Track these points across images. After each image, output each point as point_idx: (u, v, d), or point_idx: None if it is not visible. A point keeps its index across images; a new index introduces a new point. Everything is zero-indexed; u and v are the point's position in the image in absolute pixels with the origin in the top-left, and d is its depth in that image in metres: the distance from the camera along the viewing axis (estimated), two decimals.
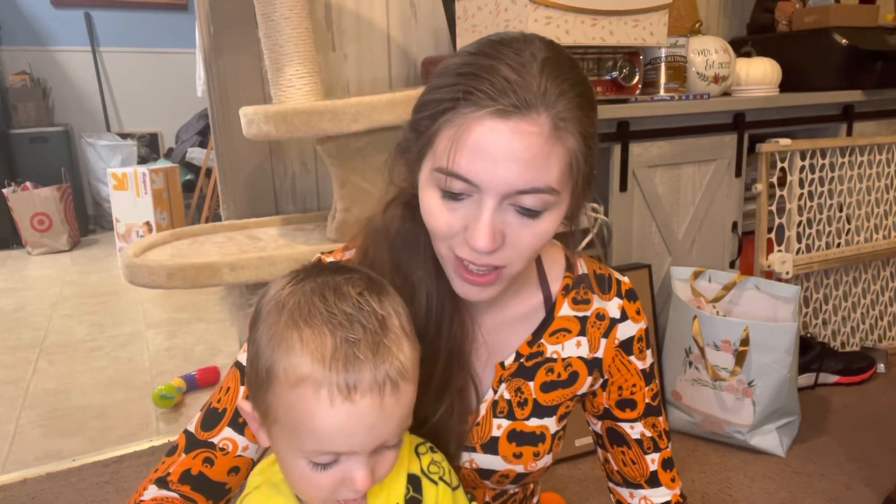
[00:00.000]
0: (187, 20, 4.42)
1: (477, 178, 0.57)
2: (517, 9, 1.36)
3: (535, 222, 0.60)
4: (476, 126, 0.56)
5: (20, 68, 4.16)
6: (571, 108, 0.58)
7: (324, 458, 0.56)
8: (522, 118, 0.56)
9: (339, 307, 0.56)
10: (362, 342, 0.54)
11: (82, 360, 2.31)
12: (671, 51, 1.64)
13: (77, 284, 3.23)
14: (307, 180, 1.70)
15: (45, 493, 1.52)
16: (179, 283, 1.20)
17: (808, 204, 1.91)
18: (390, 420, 0.56)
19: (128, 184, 3.41)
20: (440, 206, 0.61)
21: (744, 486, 1.48)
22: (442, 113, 0.58)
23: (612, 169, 1.59)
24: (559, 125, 0.57)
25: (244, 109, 1.25)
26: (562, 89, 0.57)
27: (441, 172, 0.59)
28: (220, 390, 0.74)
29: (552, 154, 0.57)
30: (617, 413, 0.79)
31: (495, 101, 0.55)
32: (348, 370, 0.53)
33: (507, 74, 0.56)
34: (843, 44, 1.84)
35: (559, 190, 0.59)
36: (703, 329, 1.60)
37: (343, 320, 0.55)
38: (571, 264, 0.77)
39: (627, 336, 0.77)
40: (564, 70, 0.59)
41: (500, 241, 0.60)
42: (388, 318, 0.57)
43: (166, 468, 0.70)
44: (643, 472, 0.79)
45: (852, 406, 1.81)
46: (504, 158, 0.56)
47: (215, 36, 1.56)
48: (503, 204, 0.59)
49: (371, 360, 0.54)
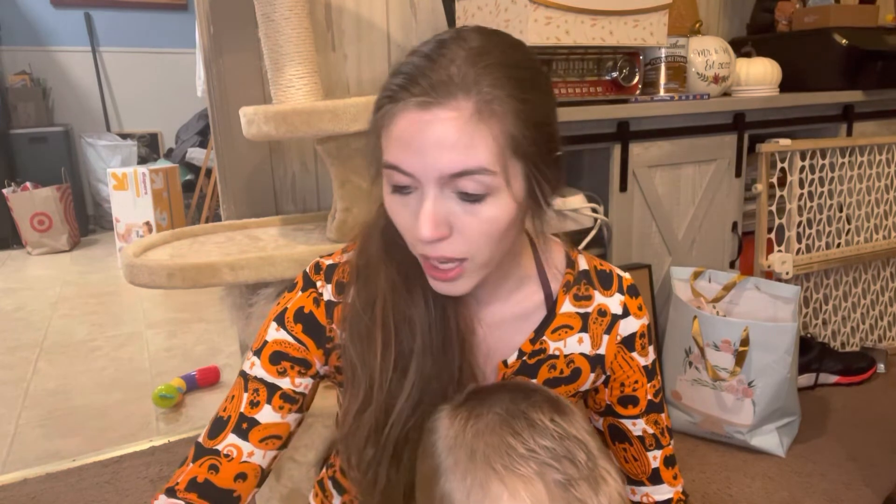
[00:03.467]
0: (187, 20, 4.42)
1: (410, 167, 0.59)
2: (517, 9, 1.36)
3: (480, 207, 0.60)
4: (400, 119, 0.59)
5: (20, 68, 4.16)
6: (497, 88, 0.58)
7: None
8: (441, 106, 0.57)
9: (538, 442, 0.50)
10: (578, 481, 0.49)
11: (82, 360, 2.31)
12: (671, 51, 1.64)
13: (77, 284, 3.23)
14: (307, 180, 1.70)
15: (45, 493, 1.52)
16: (179, 283, 1.20)
17: (808, 204, 1.91)
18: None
19: (128, 184, 3.41)
20: (394, 202, 0.63)
21: (744, 486, 1.48)
22: (378, 111, 0.62)
23: (612, 169, 1.59)
24: (484, 106, 0.58)
25: (244, 109, 1.25)
26: (486, 73, 0.58)
27: (385, 167, 0.62)
28: (226, 399, 0.74)
29: (476, 135, 0.58)
30: (619, 409, 0.79)
31: (412, 92, 0.58)
32: (515, 459, 0.49)
33: (424, 66, 0.59)
34: (843, 44, 1.84)
35: (495, 171, 0.59)
36: (703, 329, 1.60)
37: (549, 458, 0.50)
38: (572, 261, 0.77)
39: (630, 332, 0.77)
40: (495, 56, 0.60)
41: (445, 230, 0.60)
42: (587, 442, 0.53)
43: (175, 479, 0.70)
44: (645, 469, 0.79)
45: (852, 406, 1.81)
46: (430, 146, 0.58)
47: (215, 36, 1.56)
48: (444, 192, 0.60)
49: (594, 499, 0.49)
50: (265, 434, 0.70)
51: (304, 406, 0.73)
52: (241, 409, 0.71)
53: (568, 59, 1.46)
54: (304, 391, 0.72)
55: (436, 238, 0.60)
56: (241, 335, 1.48)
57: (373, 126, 0.63)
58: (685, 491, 0.82)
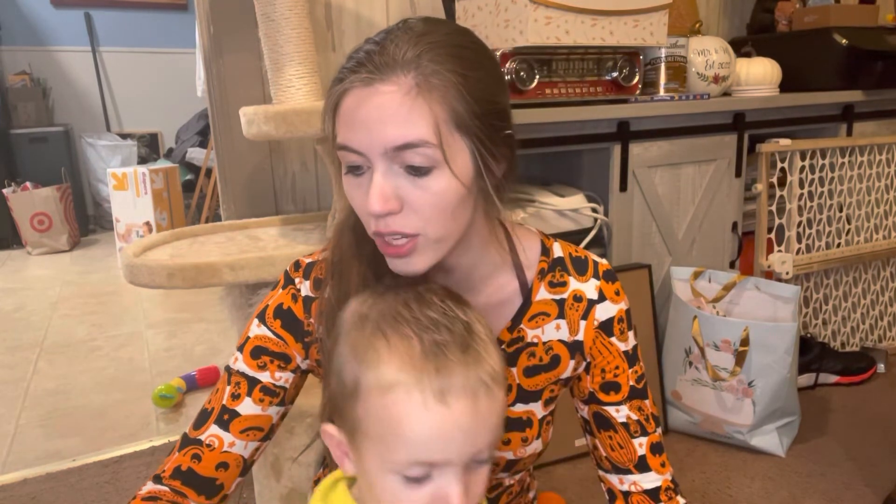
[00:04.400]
0: (187, 20, 4.42)
1: (357, 144, 0.61)
2: (517, 9, 1.36)
3: (427, 181, 0.61)
4: (346, 99, 0.62)
5: (20, 68, 4.16)
6: (438, 65, 0.60)
7: (417, 471, 0.54)
8: (382, 81, 0.60)
9: (424, 313, 0.57)
10: (451, 344, 0.55)
11: (82, 360, 2.31)
12: (671, 51, 1.64)
13: (77, 284, 3.23)
14: (307, 180, 1.70)
15: (45, 493, 1.52)
16: (179, 283, 1.20)
17: (808, 204, 1.91)
18: (485, 427, 0.55)
19: (128, 184, 3.41)
20: (349, 184, 0.65)
21: (744, 486, 1.48)
22: (329, 97, 0.64)
23: (612, 169, 1.59)
24: (422, 82, 0.60)
25: (244, 109, 1.25)
26: (427, 50, 0.61)
27: (338, 150, 0.64)
28: (211, 392, 0.77)
29: (415, 108, 0.59)
30: (601, 396, 0.78)
31: (356, 72, 0.61)
32: (440, 373, 0.53)
33: (370, 49, 0.62)
34: (843, 44, 1.84)
35: (436, 144, 0.60)
36: (703, 329, 1.60)
37: (429, 324, 0.56)
38: (547, 248, 0.78)
39: (607, 317, 0.77)
40: (437, 36, 0.62)
41: (395, 204, 0.61)
42: (473, 323, 0.58)
43: (162, 466, 0.74)
44: (631, 456, 0.79)
45: (852, 406, 1.81)
46: (372, 119, 0.60)
47: (215, 36, 1.56)
48: (393, 168, 0.61)
49: (461, 363, 0.54)
50: (246, 425, 0.73)
51: (285, 399, 0.76)
52: (223, 402, 0.74)
53: (568, 59, 1.46)
54: (285, 385, 0.75)
55: (385, 211, 0.61)
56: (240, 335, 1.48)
57: (328, 112, 0.65)
58: (674, 479, 0.81)
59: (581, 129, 1.52)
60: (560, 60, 1.45)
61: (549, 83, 1.44)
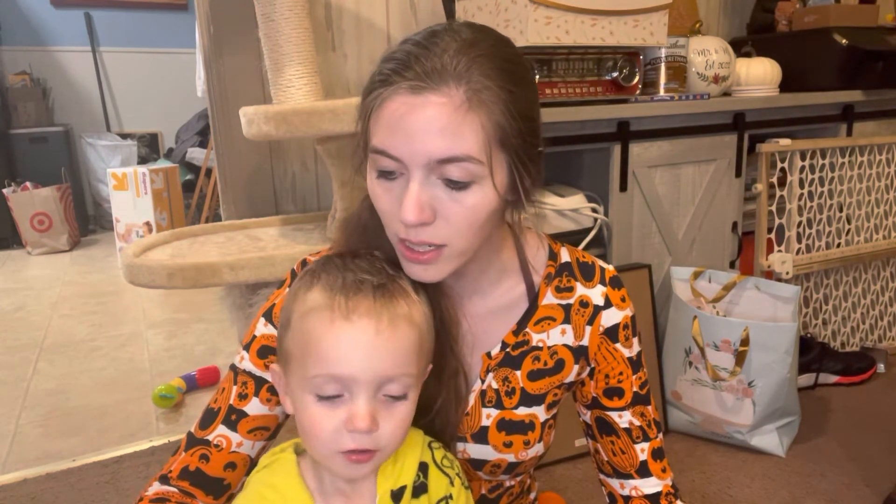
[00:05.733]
0: (187, 20, 4.42)
1: (397, 151, 0.60)
2: (517, 9, 1.36)
3: (464, 195, 0.61)
4: (390, 103, 0.60)
5: (20, 68, 4.16)
6: (487, 79, 0.60)
7: (329, 388, 0.59)
8: (433, 91, 0.59)
9: (356, 264, 0.65)
10: (368, 282, 0.62)
11: (82, 360, 2.31)
12: (671, 51, 1.64)
13: (77, 284, 3.23)
14: (307, 180, 1.70)
15: (45, 493, 1.52)
16: (179, 283, 1.20)
17: (808, 204, 1.91)
18: (387, 350, 0.59)
19: (128, 184, 3.41)
20: (378, 187, 0.64)
21: (744, 486, 1.48)
22: (367, 96, 0.63)
23: (612, 169, 1.59)
24: (473, 97, 0.59)
25: (244, 109, 1.25)
26: (477, 63, 0.60)
27: (372, 152, 0.63)
28: (216, 391, 0.77)
29: (465, 123, 0.59)
30: (605, 402, 0.79)
31: (405, 77, 0.59)
32: (349, 297, 0.60)
33: (419, 54, 0.60)
34: (843, 44, 1.84)
35: (481, 160, 0.60)
36: (703, 329, 1.60)
37: (356, 269, 0.63)
38: (554, 253, 0.78)
39: (612, 323, 0.77)
40: (485, 48, 0.62)
41: (429, 215, 0.61)
42: (399, 279, 0.64)
43: (168, 466, 0.74)
44: (633, 461, 0.79)
45: (852, 406, 1.81)
46: (419, 130, 0.59)
47: (215, 36, 1.56)
48: (430, 178, 0.61)
49: (372, 295, 0.61)
50: (253, 425, 0.74)
51: None
52: (230, 402, 0.74)
53: (568, 59, 1.46)
54: None
55: (420, 222, 0.61)
56: (241, 335, 1.48)
57: (361, 111, 0.65)
58: (675, 485, 0.81)
59: (581, 129, 1.52)
60: (560, 60, 1.45)
61: (550, 83, 1.44)
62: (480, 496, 0.82)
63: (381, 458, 0.62)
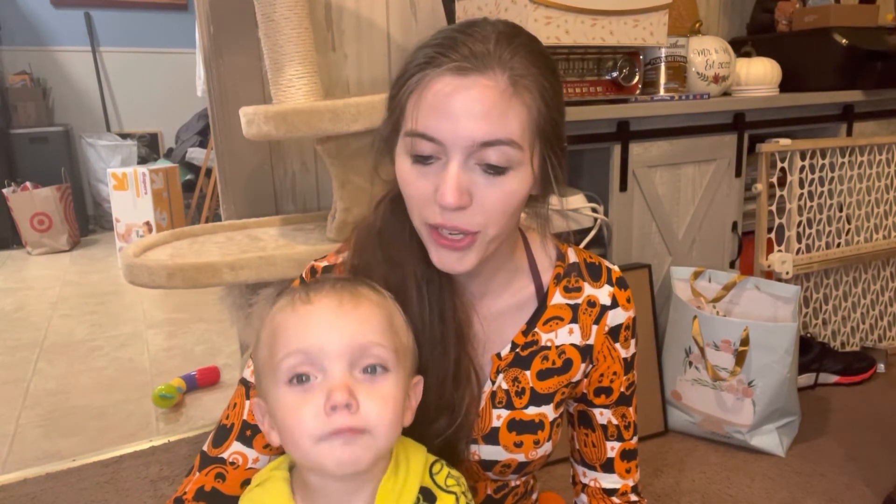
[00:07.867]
0: (187, 20, 4.42)
1: (439, 133, 0.60)
2: (517, 9, 1.36)
3: (502, 180, 0.62)
4: (435, 84, 0.60)
5: (20, 68, 4.16)
6: (528, 67, 0.61)
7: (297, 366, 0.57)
8: (480, 74, 0.59)
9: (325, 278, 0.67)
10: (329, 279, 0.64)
11: (82, 360, 2.31)
12: (671, 51, 1.64)
13: (77, 284, 3.23)
14: (307, 180, 1.70)
15: (45, 493, 1.52)
16: (179, 283, 1.20)
17: (808, 204, 1.91)
18: (353, 319, 0.58)
19: (128, 184, 3.41)
20: (412, 172, 0.64)
21: (744, 486, 1.48)
22: (406, 82, 0.63)
23: (612, 169, 1.59)
24: (516, 81, 0.60)
25: (244, 109, 1.25)
26: (517, 52, 0.61)
27: (409, 135, 0.62)
28: (228, 407, 0.75)
29: (510, 107, 0.60)
30: (592, 398, 0.80)
31: (451, 58, 0.60)
32: (310, 289, 0.61)
33: (463, 39, 0.61)
34: (843, 44, 1.84)
35: (521, 145, 0.61)
36: (703, 329, 1.60)
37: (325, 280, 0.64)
38: (562, 254, 0.79)
39: (617, 323, 0.78)
40: (524, 39, 0.63)
41: (467, 200, 0.61)
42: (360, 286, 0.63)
43: (183, 488, 0.72)
44: (600, 456, 0.82)
45: (852, 406, 1.81)
46: (463, 111, 0.59)
47: (215, 36, 1.56)
48: (469, 163, 0.61)
49: (331, 284, 0.61)
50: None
51: None
52: (243, 417, 0.72)
53: (568, 59, 1.46)
54: None
55: (458, 205, 0.61)
56: (241, 335, 1.48)
57: (397, 97, 0.64)
58: (637, 487, 0.83)
59: (581, 129, 1.52)
60: (560, 60, 1.45)
61: None
62: (486, 497, 0.82)
63: (374, 449, 0.57)
